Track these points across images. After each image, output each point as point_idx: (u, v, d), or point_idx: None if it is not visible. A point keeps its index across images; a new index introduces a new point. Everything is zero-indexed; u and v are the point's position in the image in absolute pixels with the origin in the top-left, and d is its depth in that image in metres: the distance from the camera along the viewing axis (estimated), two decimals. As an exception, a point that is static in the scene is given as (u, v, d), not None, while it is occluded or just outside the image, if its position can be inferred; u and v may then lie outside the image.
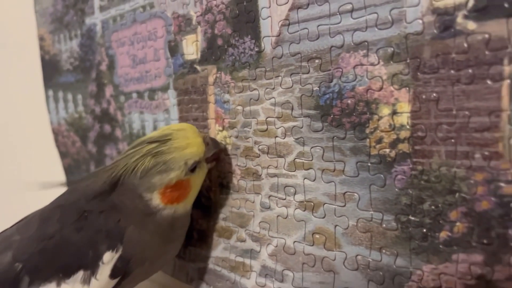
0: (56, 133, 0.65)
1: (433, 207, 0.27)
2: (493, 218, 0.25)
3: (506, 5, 0.23)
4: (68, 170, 0.64)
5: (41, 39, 0.63)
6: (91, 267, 0.34)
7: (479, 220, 0.25)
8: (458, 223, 0.26)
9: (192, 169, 0.36)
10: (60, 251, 0.35)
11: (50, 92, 0.64)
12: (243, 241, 0.40)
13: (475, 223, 0.26)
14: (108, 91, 0.53)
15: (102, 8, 0.52)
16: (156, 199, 0.36)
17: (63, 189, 0.40)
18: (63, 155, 0.64)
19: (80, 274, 0.34)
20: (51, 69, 0.63)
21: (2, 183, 0.83)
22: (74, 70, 0.58)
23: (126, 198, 0.36)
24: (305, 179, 0.34)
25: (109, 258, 0.34)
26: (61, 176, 0.65)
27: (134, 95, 0.49)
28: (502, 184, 0.24)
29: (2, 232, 0.39)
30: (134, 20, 0.48)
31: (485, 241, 0.25)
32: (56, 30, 0.60)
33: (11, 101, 0.76)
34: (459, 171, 0.26)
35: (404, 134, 0.28)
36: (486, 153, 0.25)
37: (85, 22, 0.55)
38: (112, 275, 0.35)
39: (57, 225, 0.35)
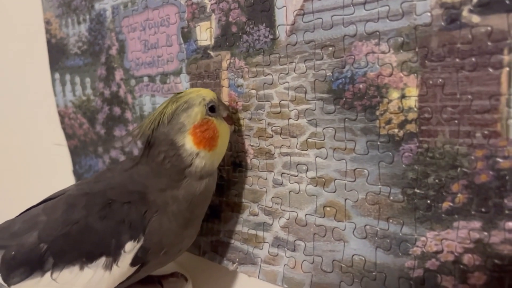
0: (62, 115, 0.66)
1: (437, 180, 0.31)
2: (491, 189, 0.28)
3: (507, 1, 0.26)
4: (74, 151, 0.66)
5: (47, 23, 0.64)
6: (113, 254, 0.36)
7: (478, 191, 0.29)
8: (459, 195, 0.30)
9: (212, 110, 0.38)
10: (84, 236, 0.36)
11: (57, 75, 0.65)
12: (256, 215, 0.43)
13: (474, 194, 0.29)
14: (118, 74, 0.55)
15: (112, -6, 0.53)
16: (188, 142, 0.37)
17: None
18: (69, 136, 0.66)
19: (103, 260, 0.36)
20: (57, 52, 0.64)
21: (8, 165, 0.85)
22: (83, 54, 0.60)
23: (161, 154, 0.37)
24: (317, 157, 0.37)
25: (130, 248, 0.36)
26: (67, 157, 0.67)
27: (146, 78, 0.51)
28: (499, 160, 0.28)
29: (28, 209, 0.41)
30: (146, 6, 0.50)
31: (483, 210, 0.29)
32: (63, 14, 0.61)
33: (17, 84, 0.76)
34: (461, 148, 0.29)
35: (411, 115, 0.31)
36: (486, 132, 0.28)
37: (94, 7, 0.56)
38: (133, 263, 0.36)
39: (82, 211, 0.37)
